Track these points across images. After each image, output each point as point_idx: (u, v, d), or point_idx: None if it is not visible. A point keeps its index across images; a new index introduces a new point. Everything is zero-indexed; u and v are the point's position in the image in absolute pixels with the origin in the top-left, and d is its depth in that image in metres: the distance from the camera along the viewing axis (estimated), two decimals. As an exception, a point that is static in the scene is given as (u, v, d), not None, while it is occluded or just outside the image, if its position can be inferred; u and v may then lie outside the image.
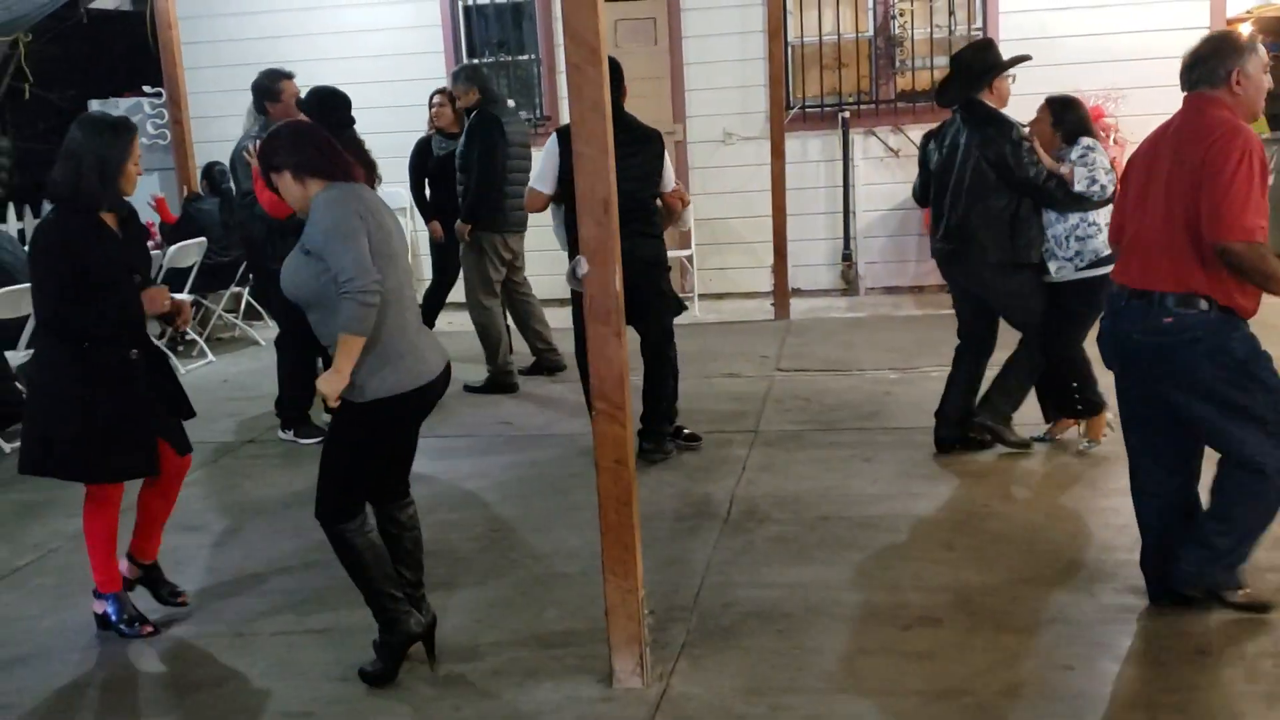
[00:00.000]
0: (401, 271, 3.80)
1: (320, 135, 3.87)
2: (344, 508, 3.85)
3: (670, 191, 6.18)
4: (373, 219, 3.71)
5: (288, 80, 6.76)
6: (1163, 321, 3.82)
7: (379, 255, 3.65)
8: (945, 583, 4.44)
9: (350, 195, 3.73)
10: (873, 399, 7.04)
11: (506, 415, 7.21)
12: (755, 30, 9.96)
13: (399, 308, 3.76)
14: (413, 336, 3.82)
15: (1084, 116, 5.71)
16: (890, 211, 10.30)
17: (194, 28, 10.22)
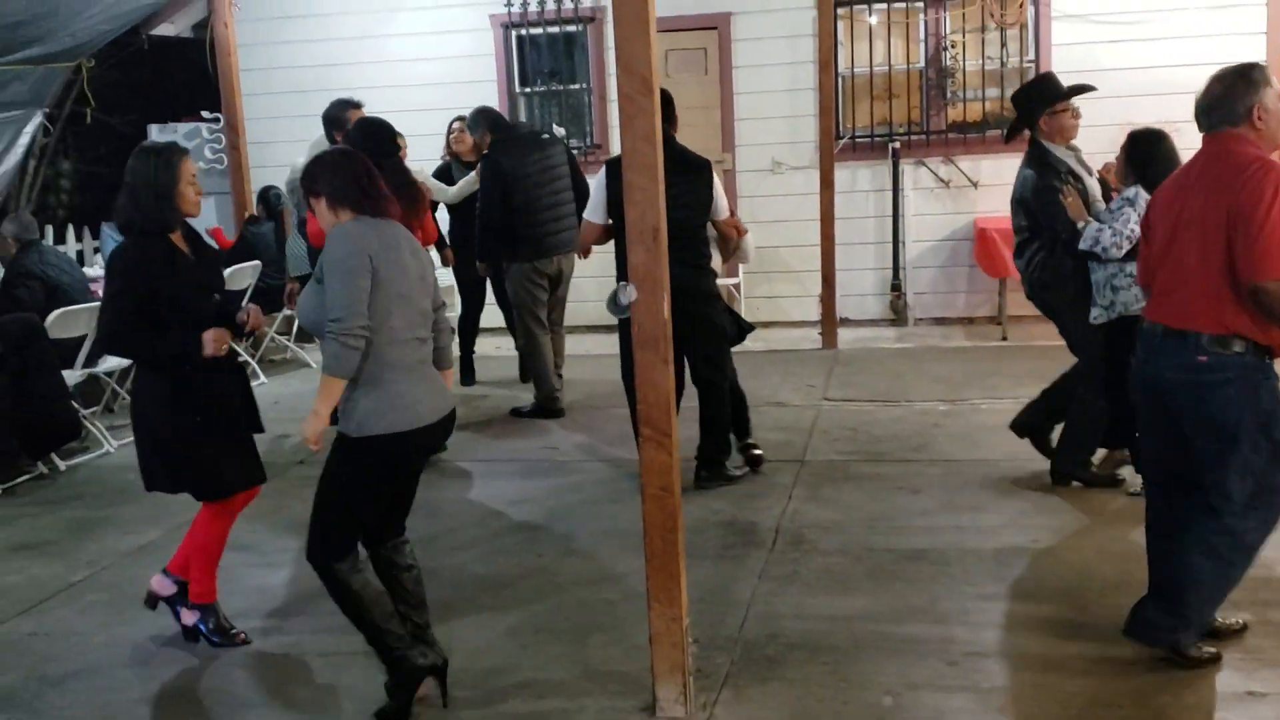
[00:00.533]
0: (415, 312, 3.77)
1: (362, 167, 3.84)
2: (335, 547, 3.80)
3: (724, 220, 6.17)
4: (387, 257, 3.69)
5: (355, 109, 6.88)
6: (1197, 360, 3.79)
7: (387, 295, 3.66)
8: (992, 618, 4.41)
9: (367, 231, 3.71)
10: (921, 430, 7.01)
11: (552, 440, 7.24)
12: (805, 61, 9.98)
13: (406, 348, 3.74)
14: (417, 378, 3.77)
15: (1150, 155, 5.38)
16: (940, 242, 10.26)
17: (252, 55, 10.39)
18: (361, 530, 3.88)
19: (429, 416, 3.77)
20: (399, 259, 3.75)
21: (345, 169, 3.82)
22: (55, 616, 4.94)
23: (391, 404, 3.69)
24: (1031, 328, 9.42)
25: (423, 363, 3.84)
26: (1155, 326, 3.95)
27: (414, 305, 3.77)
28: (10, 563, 5.62)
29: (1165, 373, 3.89)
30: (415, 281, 3.79)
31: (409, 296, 3.75)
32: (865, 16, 10.11)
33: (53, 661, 4.50)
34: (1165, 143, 5.44)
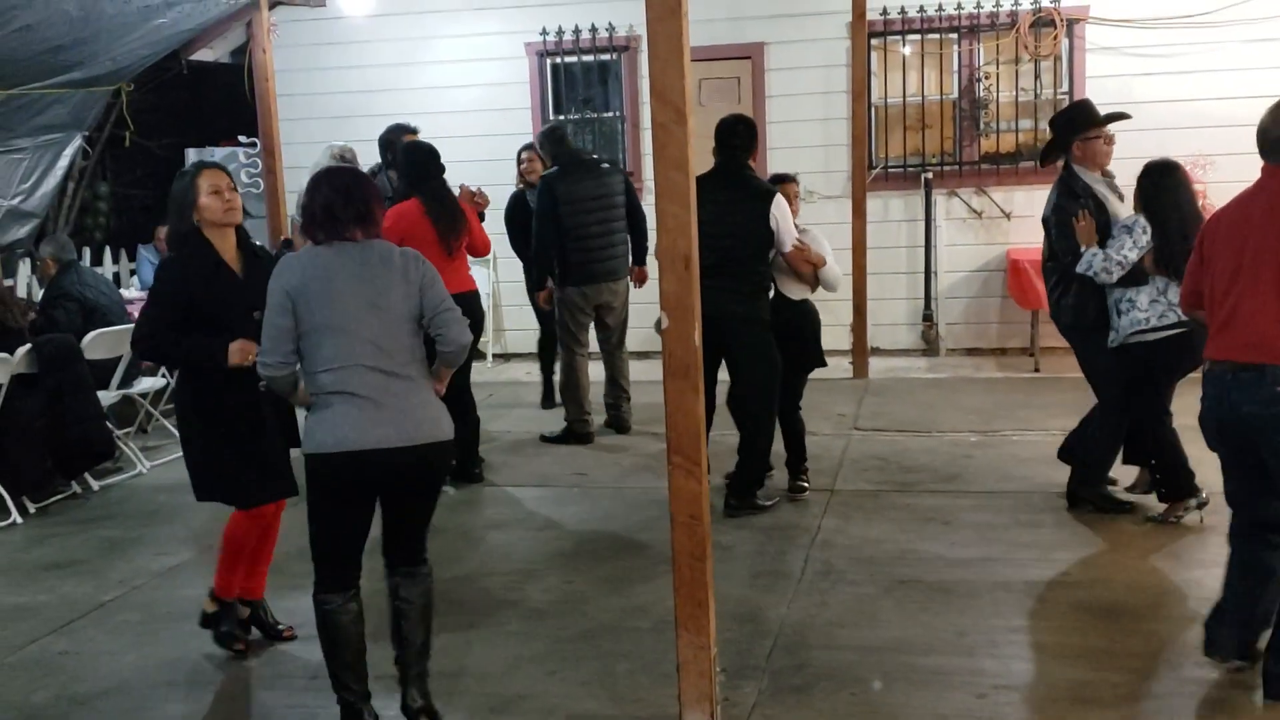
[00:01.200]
0: (356, 340, 3.68)
1: (333, 195, 3.79)
2: (322, 576, 3.83)
3: (788, 253, 6.08)
4: (312, 289, 3.68)
5: (410, 134, 7.01)
6: (1276, 390, 3.75)
7: (314, 329, 3.67)
8: (1022, 651, 4.38)
9: (294, 265, 3.75)
10: (952, 461, 6.97)
11: (582, 466, 7.24)
12: (839, 90, 10.00)
13: (347, 375, 3.68)
14: (358, 404, 3.68)
15: (1158, 186, 5.44)
16: (973, 273, 10.23)
17: (290, 81, 10.51)
18: (338, 557, 3.82)
19: (362, 443, 3.66)
20: (327, 289, 3.70)
21: (316, 193, 3.83)
22: (86, 636, 4.98)
23: (322, 426, 3.71)
24: (1064, 359, 9.33)
25: (379, 390, 3.70)
26: (1222, 365, 3.89)
27: (351, 334, 3.69)
28: (42, 581, 5.66)
29: (1242, 408, 3.83)
30: (354, 310, 3.70)
31: (340, 327, 3.69)
32: (899, 47, 10.12)
33: (82, 680, 4.53)
34: (1174, 175, 5.49)
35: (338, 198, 3.78)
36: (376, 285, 3.75)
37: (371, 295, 3.74)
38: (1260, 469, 3.87)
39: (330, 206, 3.78)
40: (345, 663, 3.86)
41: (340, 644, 3.84)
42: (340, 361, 3.69)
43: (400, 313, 3.76)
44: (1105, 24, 9.61)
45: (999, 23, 9.80)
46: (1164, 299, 5.45)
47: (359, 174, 4.20)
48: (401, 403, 3.72)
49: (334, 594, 3.82)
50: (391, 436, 3.69)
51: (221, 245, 4.46)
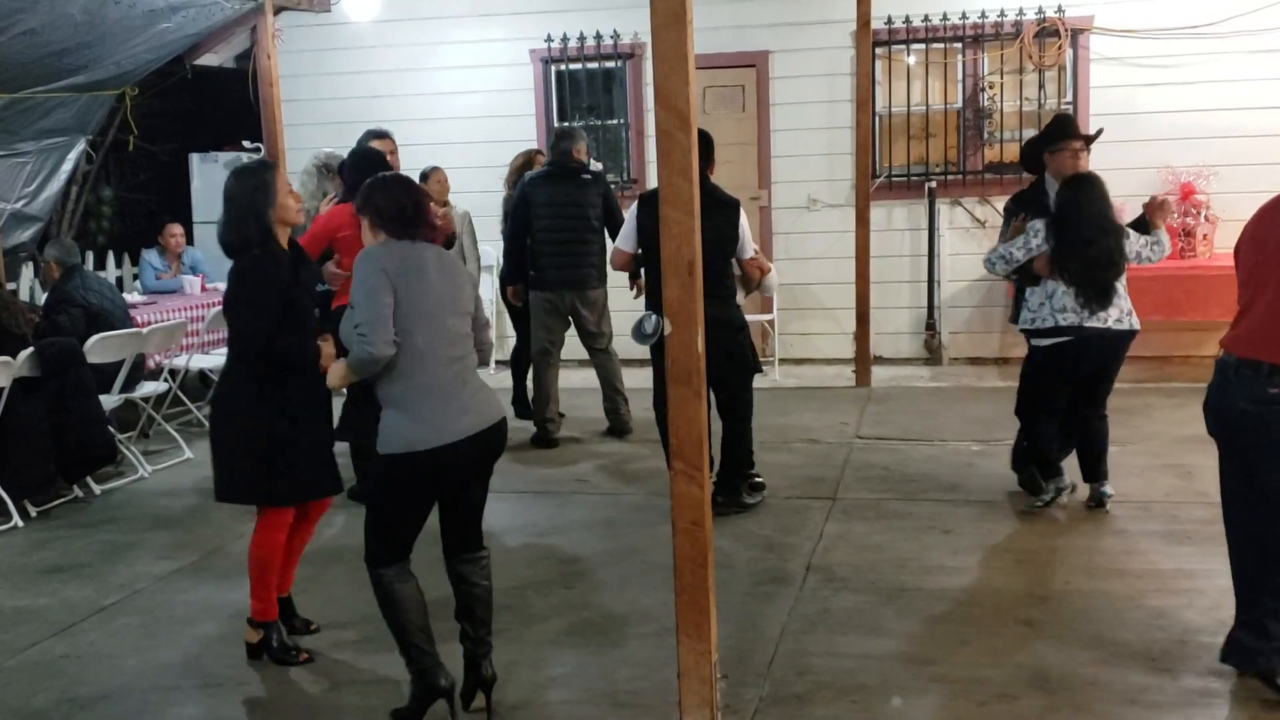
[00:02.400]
0: (442, 330, 3.87)
1: (410, 198, 3.97)
2: (382, 554, 3.94)
3: (748, 259, 6.31)
4: (408, 278, 3.82)
5: (379, 139, 6.97)
6: (1268, 391, 3.78)
7: (408, 314, 3.80)
8: (1023, 659, 4.37)
9: (388, 252, 3.87)
10: (954, 470, 6.96)
11: (583, 473, 7.24)
12: (843, 99, 10.00)
13: (429, 365, 3.83)
14: (442, 397, 3.84)
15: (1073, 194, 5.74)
16: (976, 282, 10.23)
17: (294, 86, 10.51)
18: (403, 541, 3.95)
19: (450, 436, 3.83)
20: (422, 279, 3.86)
21: (395, 197, 3.95)
22: (86, 639, 4.97)
23: (412, 423, 3.82)
24: (1066, 369, 9.37)
25: (456, 380, 3.90)
26: (1229, 356, 3.95)
27: (439, 323, 3.87)
28: (43, 585, 5.66)
29: (1238, 403, 3.88)
30: (442, 301, 3.89)
31: (433, 314, 3.85)
32: (903, 56, 10.13)
33: (83, 684, 4.53)
34: (1089, 186, 5.77)
35: (407, 200, 3.95)
36: (454, 281, 3.99)
37: (452, 291, 3.95)
38: (1247, 462, 3.90)
39: (403, 208, 3.92)
40: (416, 626, 3.93)
41: (405, 609, 3.92)
42: (434, 351, 3.85)
43: (468, 310, 4.01)
44: (1109, 34, 9.62)
45: (1003, 33, 9.81)
46: (1049, 303, 5.78)
47: (410, 180, 4.27)
48: (470, 389, 3.96)
49: (390, 566, 3.93)
50: (476, 423, 3.90)
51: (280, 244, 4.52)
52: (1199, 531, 5.52)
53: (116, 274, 11.27)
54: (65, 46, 8.85)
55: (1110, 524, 5.87)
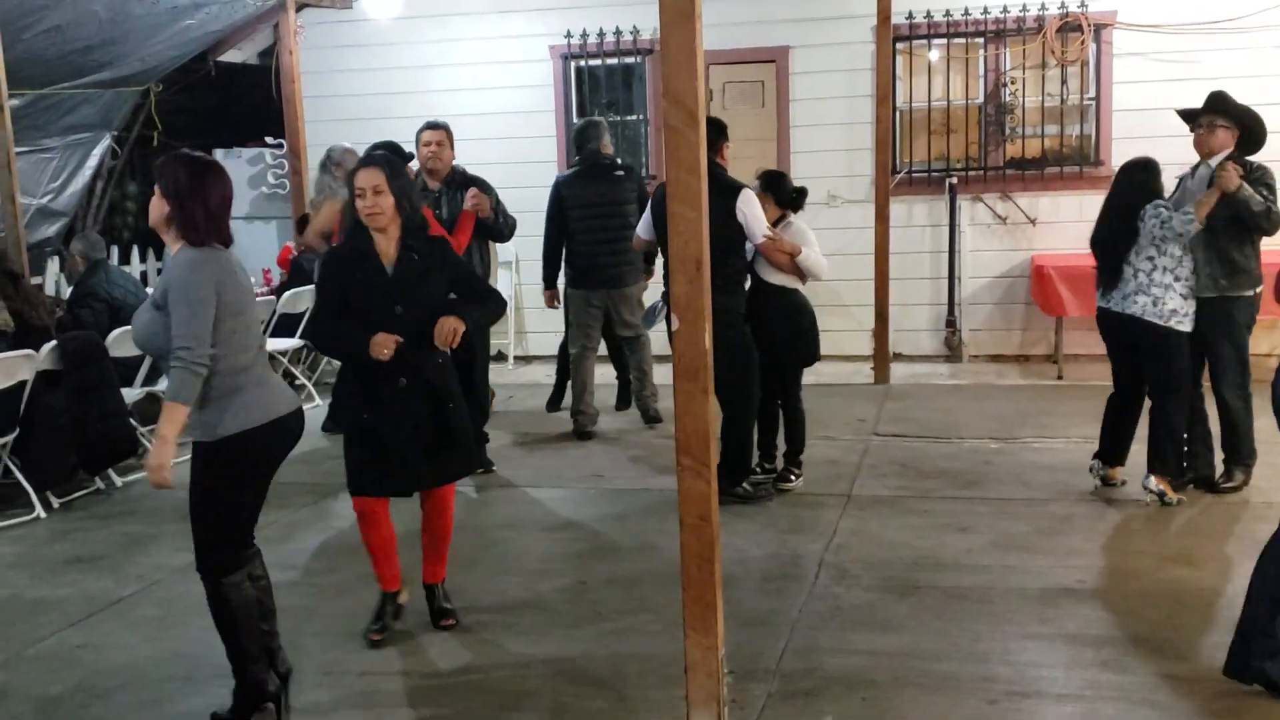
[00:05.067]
0: (253, 324, 3.98)
1: (226, 197, 3.94)
2: (225, 560, 3.93)
3: (760, 244, 6.24)
4: (229, 281, 3.85)
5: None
6: None
7: (230, 314, 3.81)
8: (1034, 658, 4.36)
9: (211, 261, 3.82)
10: (971, 467, 6.94)
11: (598, 468, 7.25)
12: (863, 95, 9.96)
13: (243, 355, 3.88)
14: (257, 379, 3.94)
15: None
16: (997, 279, 10.19)
17: (316, 83, 10.58)
18: (239, 537, 3.98)
19: (276, 411, 3.94)
20: (239, 281, 3.93)
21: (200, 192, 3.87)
22: (104, 629, 5.02)
23: (244, 402, 3.85)
24: (1088, 366, 9.33)
25: (263, 365, 4.03)
26: None
27: (250, 318, 3.96)
28: (63, 575, 5.72)
29: None
30: (248, 297, 3.98)
31: (244, 313, 3.91)
32: (925, 51, 10.09)
33: (100, 674, 4.58)
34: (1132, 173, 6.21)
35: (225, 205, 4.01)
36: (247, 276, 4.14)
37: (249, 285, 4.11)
38: None
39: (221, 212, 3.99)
40: (251, 634, 3.99)
41: (243, 620, 3.97)
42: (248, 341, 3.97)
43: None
44: (1132, 29, 9.55)
45: (1025, 27, 9.75)
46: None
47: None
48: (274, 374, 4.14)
49: (235, 573, 3.96)
50: (286, 405, 4.03)
51: (378, 239, 4.59)
52: (1213, 530, 5.49)
53: (141, 269, 11.36)
54: (89, 43, 8.94)
55: (1135, 520, 5.84)
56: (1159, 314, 5.90)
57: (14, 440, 6.66)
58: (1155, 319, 5.91)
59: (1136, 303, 5.97)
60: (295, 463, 6.50)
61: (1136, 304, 5.96)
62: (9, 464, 6.70)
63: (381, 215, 4.55)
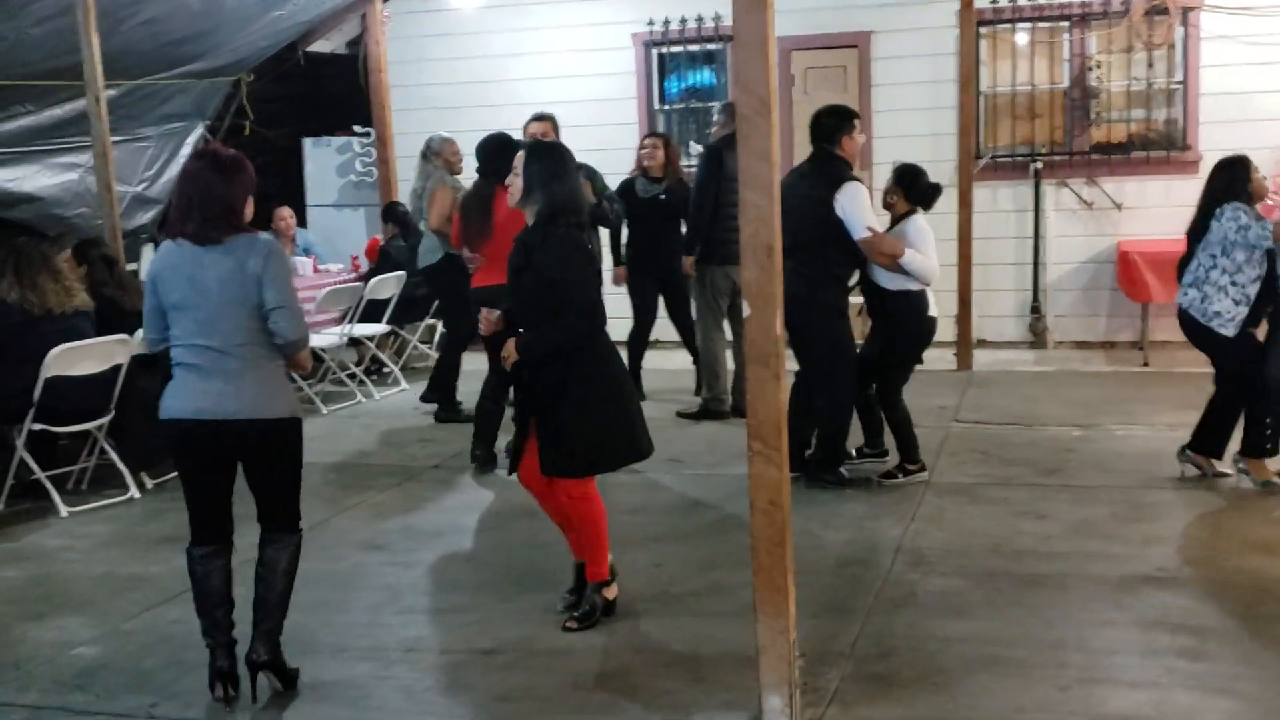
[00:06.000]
0: (191, 321, 4.03)
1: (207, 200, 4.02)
2: (192, 531, 4.27)
3: (859, 239, 6.14)
4: (173, 276, 4.04)
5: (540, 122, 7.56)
6: None
7: (169, 306, 4.05)
8: (1109, 645, 4.33)
9: (158, 256, 4.13)
10: (1053, 455, 6.89)
11: (677, 452, 7.30)
12: (947, 80, 9.88)
13: (184, 351, 4.07)
14: (190, 377, 4.06)
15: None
16: (1083, 265, 10.06)
17: (402, 72, 10.75)
18: (202, 515, 4.24)
19: (185, 412, 4.06)
20: (177, 277, 4.04)
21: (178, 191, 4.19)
22: (186, 611, 5.15)
23: (174, 393, 4.11)
24: (1175, 353, 9.16)
25: (207, 365, 4.04)
26: None
27: (193, 315, 4.03)
28: (157, 553, 5.91)
29: None
30: (200, 294, 4.02)
31: (184, 306, 4.04)
32: (1010, 35, 9.97)
33: (190, 648, 4.70)
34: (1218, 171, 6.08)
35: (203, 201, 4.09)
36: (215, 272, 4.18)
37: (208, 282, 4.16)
38: None
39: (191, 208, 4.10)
40: (202, 610, 4.25)
41: (197, 592, 4.25)
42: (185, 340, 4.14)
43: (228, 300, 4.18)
44: (1221, 11, 9.35)
45: (1112, 11, 9.60)
46: None
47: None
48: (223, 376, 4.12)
49: (195, 545, 4.28)
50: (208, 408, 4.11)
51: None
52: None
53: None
54: (184, 35, 9.18)
55: (1217, 508, 5.77)
56: (1202, 311, 5.96)
57: (110, 422, 6.89)
58: (1198, 315, 5.98)
59: (1188, 295, 6.03)
60: (383, 445, 6.87)
61: (1187, 296, 6.03)
62: (105, 445, 6.94)
63: (513, 197, 4.65)
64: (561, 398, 4.55)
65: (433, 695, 4.24)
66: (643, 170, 8.44)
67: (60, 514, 6.52)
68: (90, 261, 7.23)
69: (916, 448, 6.51)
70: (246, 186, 4.10)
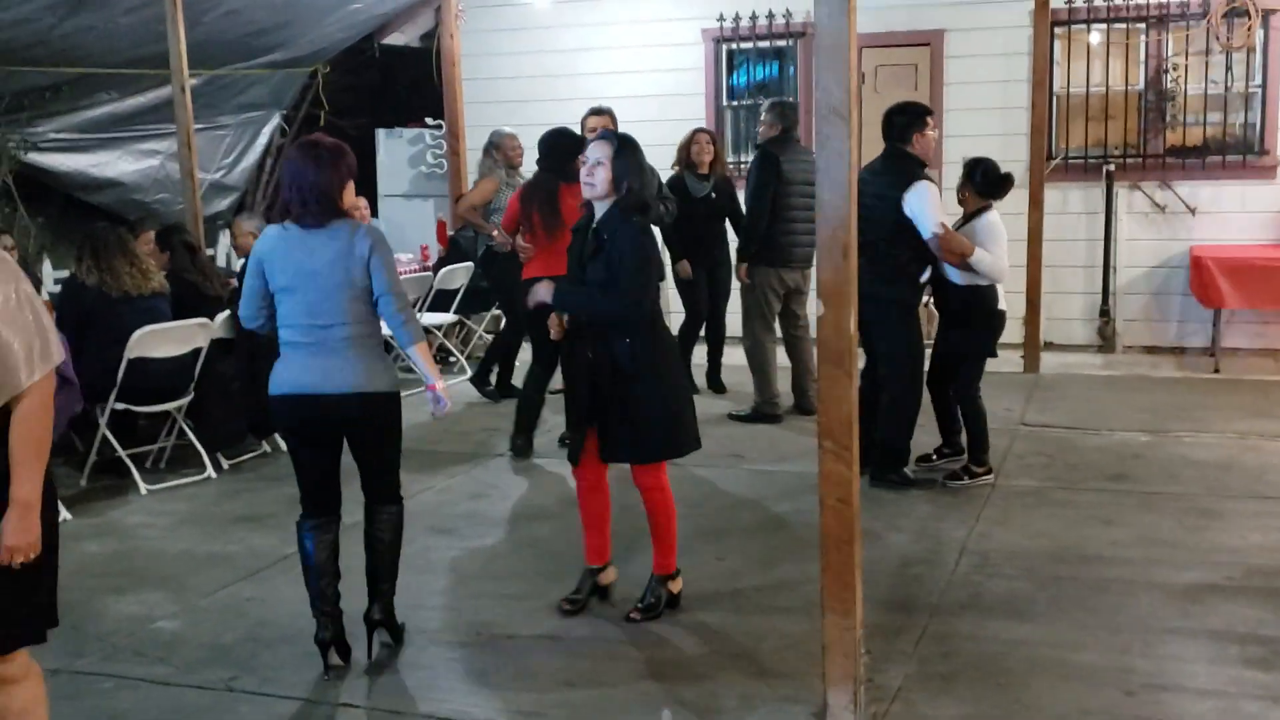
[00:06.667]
0: (301, 302, 4.25)
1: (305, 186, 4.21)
2: (302, 504, 4.44)
3: (928, 237, 6.17)
4: (272, 258, 4.28)
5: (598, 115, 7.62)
6: None
7: (274, 290, 4.29)
8: (1175, 651, 4.33)
9: (264, 239, 4.36)
10: (1120, 460, 6.85)
11: (739, 448, 7.35)
12: (1019, 79, 9.83)
13: (291, 331, 4.30)
14: (298, 355, 4.29)
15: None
16: (1154, 269, 9.96)
17: (475, 65, 10.85)
18: (310, 489, 4.42)
19: (305, 388, 4.27)
20: (287, 260, 4.26)
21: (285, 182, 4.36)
22: (271, 584, 5.32)
23: (274, 373, 4.34)
24: (1247, 360, 9.10)
25: (315, 344, 4.26)
26: None
27: (300, 296, 4.25)
28: (233, 533, 6.07)
29: None
30: (306, 277, 4.23)
31: (291, 289, 4.26)
32: (1084, 36, 9.89)
33: (266, 625, 4.87)
34: None
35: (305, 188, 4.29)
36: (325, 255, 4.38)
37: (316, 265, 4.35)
38: None
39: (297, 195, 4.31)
40: (311, 583, 4.42)
41: (306, 566, 4.42)
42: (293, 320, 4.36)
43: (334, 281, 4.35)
44: (1305, 14, 9.23)
45: (1190, 13, 9.48)
46: None
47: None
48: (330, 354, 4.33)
49: (305, 519, 4.45)
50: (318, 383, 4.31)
51: (596, 211, 4.72)
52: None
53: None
54: (263, 26, 9.35)
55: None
56: None
57: (189, 404, 7.07)
58: None
59: None
60: (449, 432, 6.99)
61: None
62: (184, 426, 7.11)
63: (593, 187, 4.65)
64: (637, 382, 4.60)
65: (500, 680, 4.33)
66: (690, 166, 8.48)
67: (140, 491, 6.70)
68: (172, 248, 7.41)
69: (987, 449, 6.51)
70: (344, 174, 4.29)
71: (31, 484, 2.98)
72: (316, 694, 4.27)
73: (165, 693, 4.30)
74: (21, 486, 2.97)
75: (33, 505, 2.98)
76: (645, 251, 4.61)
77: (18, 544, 2.96)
